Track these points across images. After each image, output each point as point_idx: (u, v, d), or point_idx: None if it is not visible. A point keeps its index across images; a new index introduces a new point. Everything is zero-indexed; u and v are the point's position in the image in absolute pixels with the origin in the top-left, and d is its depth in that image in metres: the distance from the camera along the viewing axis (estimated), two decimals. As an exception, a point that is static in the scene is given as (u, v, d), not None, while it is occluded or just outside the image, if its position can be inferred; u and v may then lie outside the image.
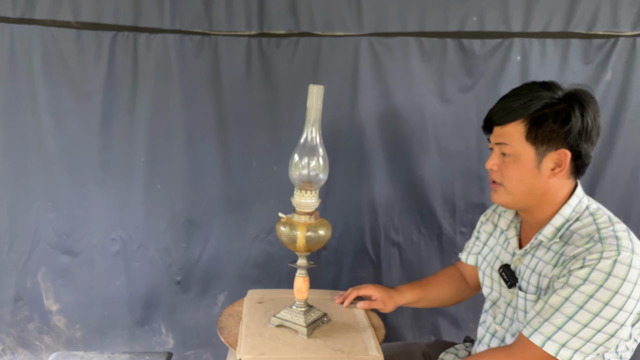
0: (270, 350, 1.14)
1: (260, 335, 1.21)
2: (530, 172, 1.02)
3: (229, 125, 1.75)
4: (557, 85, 1.03)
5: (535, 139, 1.01)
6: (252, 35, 1.68)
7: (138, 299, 1.86)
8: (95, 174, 1.76)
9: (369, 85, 1.71)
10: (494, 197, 1.10)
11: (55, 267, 1.83)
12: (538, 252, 1.06)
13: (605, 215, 1.02)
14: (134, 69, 1.69)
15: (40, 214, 1.79)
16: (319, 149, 1.20)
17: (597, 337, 0.91)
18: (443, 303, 1.38)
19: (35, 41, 1.65)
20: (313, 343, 1.17)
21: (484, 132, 1.13)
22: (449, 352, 1.32)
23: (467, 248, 1.36)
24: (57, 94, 1.70)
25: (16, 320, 1.86)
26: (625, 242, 0.93)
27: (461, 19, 1.66)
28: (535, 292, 1.04)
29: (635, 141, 1.71)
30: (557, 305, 0.94)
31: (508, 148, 1.04)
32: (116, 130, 1.74)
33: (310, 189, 1.19)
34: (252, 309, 1.35)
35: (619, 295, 0.89)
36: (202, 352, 1.94)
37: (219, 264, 1.86)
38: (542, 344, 0.94)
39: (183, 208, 1.80)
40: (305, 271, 1.25)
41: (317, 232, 1.18)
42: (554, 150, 1.01)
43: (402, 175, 1.79)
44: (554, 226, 1.03)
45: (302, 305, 1.26)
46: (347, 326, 1.26)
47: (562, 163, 1.01)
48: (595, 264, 0.91)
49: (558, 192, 1.04)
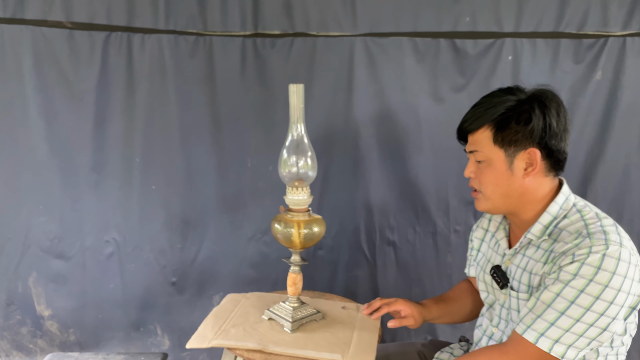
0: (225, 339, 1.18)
1: (234, 326, 1.25)
2: (503, 174, 1.05)
3: (224, 126, 1.75)
4: (520, 89, 1.07)
5: (502, 141, 1.04)
6: (247, 36, 1.68)
7: (133, 301, 1.85)
8: (87, 176, 1.75)
9: (364, 85, 1.72)
10: (476, 204, 1.13)
11: (47, 272, 1.81)
12: (528, 251, 1.07)
13: (593, 212, 1.03)
14: (128, 69, 1.68)
15: (31, 217, 1.77)
16: (307, 146, 1.22)
17: (590, 332, 0.92)
18: (464, 317, 1.35)
19: (26, 41, 1.63)
20: (294, 338, 1.20)
21: (459, 142, 1.16)
22: (444, 352, 1.32)
23: (468, 261, 1.35)
24: (48, 95, 1.68)
25: (9, 324, 1.84)
26: (613, 235, 0.94)
27: (454, 19, 1.68)
28: (527, 291, 1.05)
29: (625, 140, 1.74)
30: (548, 302, 0.94)
31: (480, 154, 1.07)
32: (110, 132, 1.73)
33: (302, 186, 1.21)
34: (237, 302, 1.40)
35: (609, 288, 0.90)
36: (197, 353, 1.94)
37: (214, 265, 1.86)
38: (535, 340, 0.95)
39: (178, 209, 1.80)
40: (299, 268, 1.28)
41: (311, 229, 1.20)
42: (522, 150, 1.03)
43: (396, 174, 1.80)
44: (542, 224, 1.05)
45: (294, 301, 1.29)
46: (341, 326, 1.28)
47: (534, 162, 1.03)
48: (584, 258, 0.92)
49: (537, 191, 1.06)
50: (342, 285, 1.88)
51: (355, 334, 1.24)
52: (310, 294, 1.52)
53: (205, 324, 1.26)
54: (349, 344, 1.18)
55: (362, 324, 1.30)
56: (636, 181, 1.77)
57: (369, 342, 1.20)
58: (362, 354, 1.14)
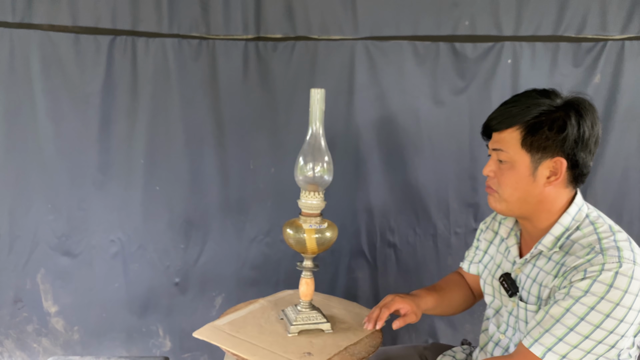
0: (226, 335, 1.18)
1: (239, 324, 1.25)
2: (525, 179, 1.01)
3: (227, 128, 1.78)
4: (556, 93, 1.02)
5: (530, 146, 1.00)
6: (249, 39, 1.71)
7: (136, 301, 1.87)
8: (93, 177, 1.78)
9: (365, 88, 1.74)
10: (490, 202, 1.09)
11: (55, 268, 1.84)
12: (539, 262, 1.05)
13: (606, 224, 1.00)
14: (132, 72, 1.71)
15: (39, 216, 1.80)
16: (324, 150, 1.20)
17: (598, 349, 0.91)
18: (454, 310, 1.34)
19: (34, 45, 1.67)
20: (291, 340, 1.18)
21: (483, 137, 1.12)
22: (447, 355, 1.31)
23: (467, 257, 1.34)
24: (56, 97, 1.71)
25: (15, 322, 1.87)
26: (626, 253, 0.92)
27: (454, 23, 1.70)
28: (536, 303, 1.03)
29: (625, 142, 1.75)
30: (557, 316, 0.93)
31: (504, 154, 1.03)
32: (115, 133, 1.76)
33: (316, 190, 1.19)
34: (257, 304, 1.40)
35: (620, 307, 0.89)
36: (198, 355, 1.95)
37: (217, 266, 1.87)
38: (542, 355, 0.93)
39: (181, 209, 1.82)
40: (311, 273, 1.27)
41: (323, 234, 1.19)
42: (549, 158, 0.99)
43: (397, 176, 1.82)
44: (554, 235, 1.02)
45: (306, 307, 1.28)
46: (347, 334, 1.24)
47: (558, 171, 1.00)
48: (596, 275, 0.90)
49: (555, 201, 1.03)
50: (343, 287, 1.90)
51: (358, 338, 1.21)
52: (336, 300, 1.49)
53: (222, 320, 1.28)
54: (339, 349, 1.16)
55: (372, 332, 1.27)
56: (635, 183, 1.78)
57: (364, 350, 1.17)
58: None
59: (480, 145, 1.77)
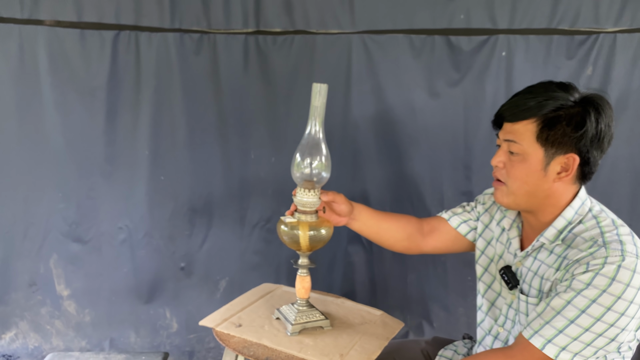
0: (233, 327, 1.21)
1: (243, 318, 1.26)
2: (536, 173, 0.99)
3: (228, 119, 1.84)
4: (574, 87, 0.99)
5: (545, 140, 0.97)
6: (249, 33, 1.76)
7: (144, 285, 1.97)
8: (101, 167, 1.86)
9: (362, 80, 1.79)
10: (496, 196, 1.07)
11: (66, 254, 1.93)
12: (540, 255, 1.04)
13: (609, 218, 0.99)
14: (136, 66, 1.77)
15: (51, 204, 1.89)
16: (322, 147, 1.15)
17: (598, 341, 0.90)
18: (391, 241, 1.29)
19: (41, 41, 1.73)
20: (292, 339, 1.17)
21: (493, 127, 1.08)
22: (448, 349, 1.30)
23: (456, 212, 1.27)
24: (63, 91, 1.78)
25: (30, 304, 1.97)
26: (629, 246, 0.91)
27: (449, 16, 1.73)
28: (537, 295, 1.02)
29: (615, 132, 1.76)
30: (558, 308, 0.92)
31: (516, 146, 1.00)
32: (120, 126, 1.83)
33: (313, 188, 1.15)
34: (266, 293, 1.42)
35: (622, 300, 0.88)
36: (204, 336, 2.04)
37: (220, 251, 1.96)
38: (542, 346, 0.93)
39: (186, 198, 1.90)
40: (307, 270, 1.23)
41: (319, 231, 1.16)
42: (563, 153, 0.97)
43: (392, 165, 1.88)
44: (556, 228, 1.01)
45: (302, 304, 1.24)
46: (347, 331, 1.23)
47: (570, 168, 0.98)
48: (599, 268, 0.89)
49: (561, 197, 1.01)
50: (340, 272, 1.97)
51: (358, 339, 1.19)
52: (332, 297, 1.44)
53: (226, 308, 1.31)
54: (349, 349, 1.14)
55: (370, 329, 1.25)
56: (624, 173, 1.82)
57: (371, 349, 1.15)
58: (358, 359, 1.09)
59: (474, 135, 1.84)
